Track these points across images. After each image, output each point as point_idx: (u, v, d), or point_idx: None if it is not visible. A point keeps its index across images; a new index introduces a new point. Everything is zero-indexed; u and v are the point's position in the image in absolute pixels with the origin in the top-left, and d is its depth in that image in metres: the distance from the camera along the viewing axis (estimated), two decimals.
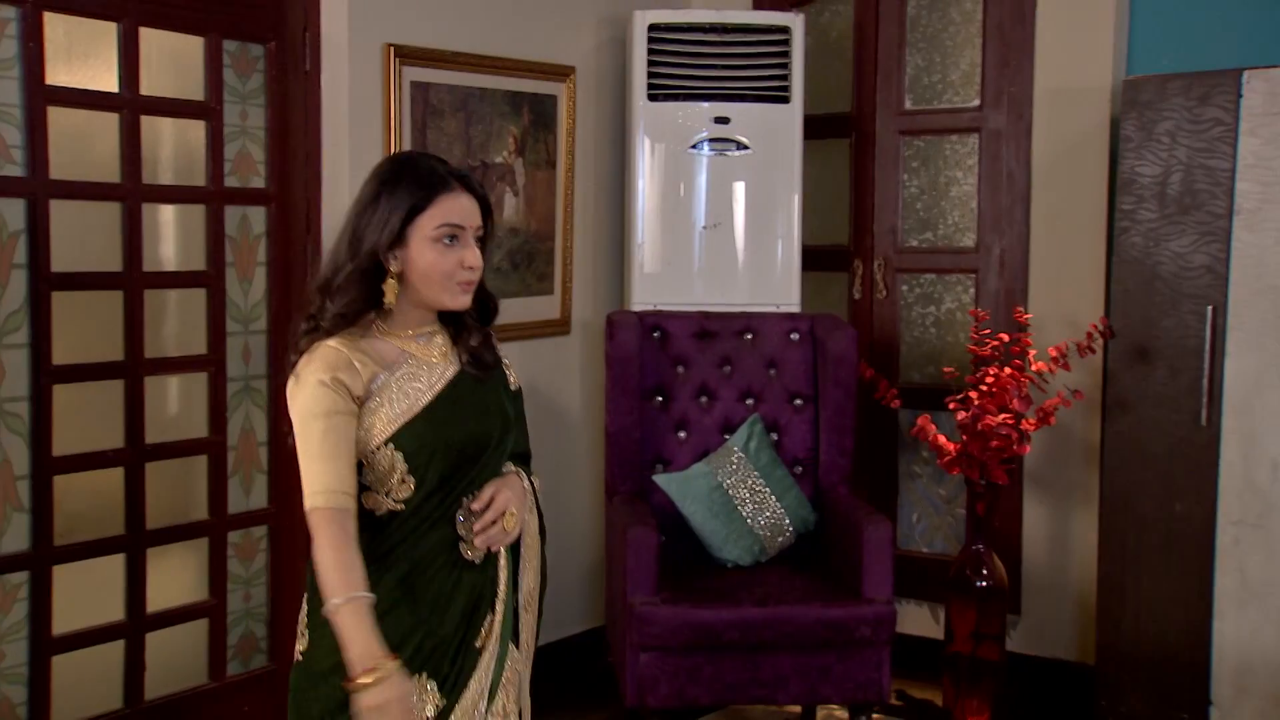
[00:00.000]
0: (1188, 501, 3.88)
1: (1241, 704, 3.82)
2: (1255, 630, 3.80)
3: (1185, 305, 3.86)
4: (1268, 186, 3.72)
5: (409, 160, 2.22)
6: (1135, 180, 3.92)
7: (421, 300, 2.17)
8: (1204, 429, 3.85)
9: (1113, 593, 4.03)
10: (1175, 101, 3.85)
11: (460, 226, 2.14)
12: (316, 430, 2.06)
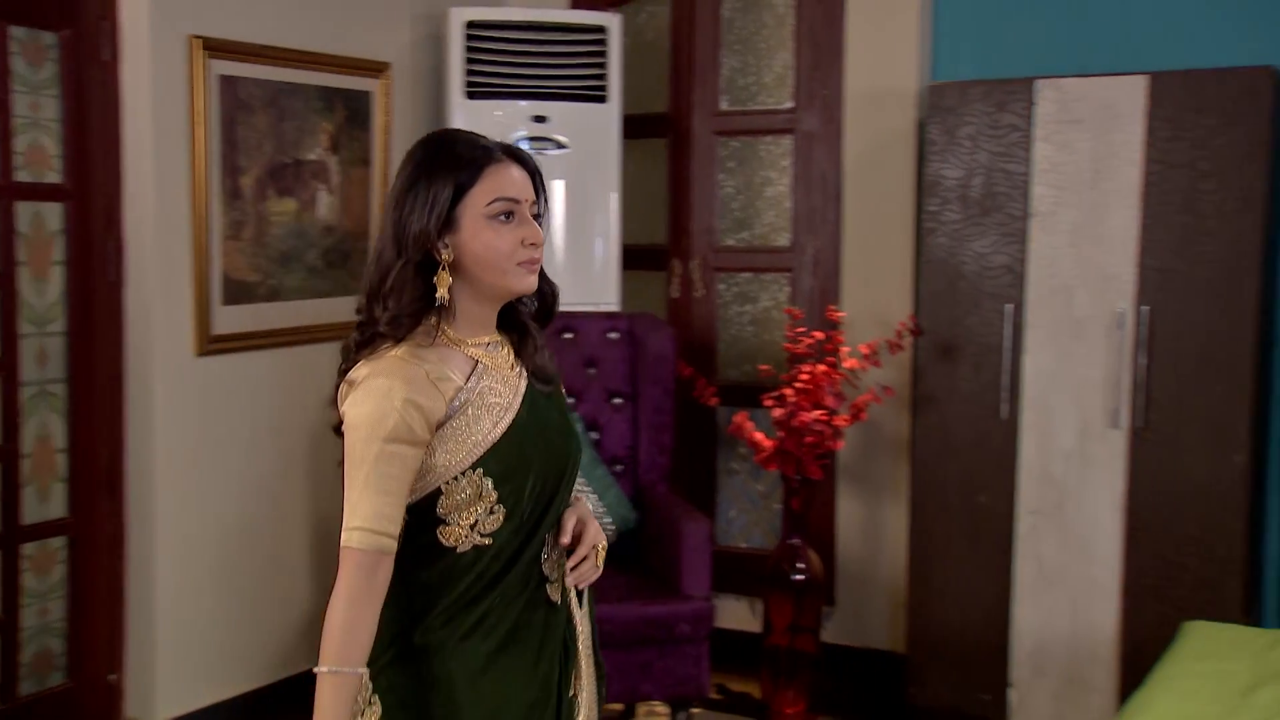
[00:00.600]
0: (990, 492, 4.06)
1: (1038, 684, 4.02)
2: (1050, 614, 4.00)
3: (987, 304, 4.03)
4: (1060, 190, 3.92)
5: (446, 137, 1.98)
6: (940, 182, 4.08)
7: (482, 291, 1.92)
8: (1004, 423, 4.02)
9: (922, 582, 4.18)
10: (976, 107, 4.02)
11: (515, 200, 1.90)
12: (373, 454, 1.81)
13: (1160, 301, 3.83)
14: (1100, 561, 3.93)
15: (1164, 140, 3.79)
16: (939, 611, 4.15)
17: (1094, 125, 3.87)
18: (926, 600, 4.18)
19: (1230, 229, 3.73)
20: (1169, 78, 3.80)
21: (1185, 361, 3.81)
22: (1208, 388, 3.79)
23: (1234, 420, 3.77)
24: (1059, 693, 4.00)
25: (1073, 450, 3.95)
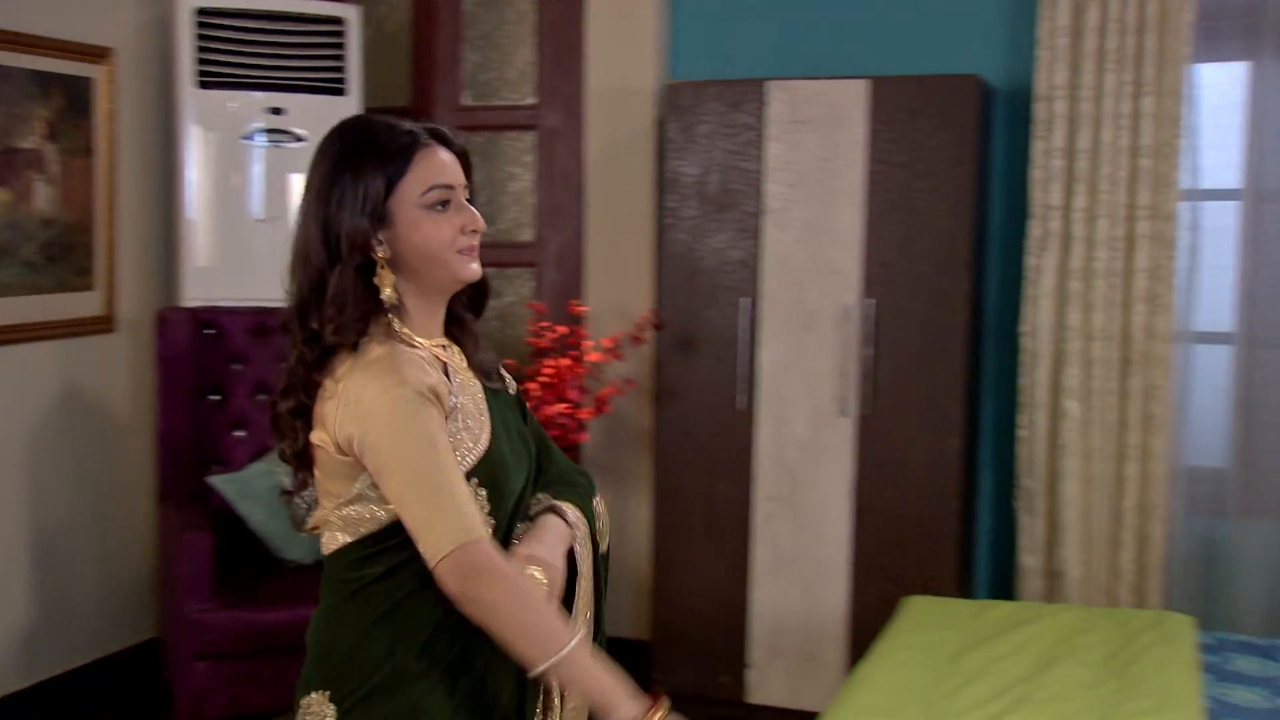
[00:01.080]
0: (729, 481, 4.21)
1: (773, 664, 4.19)
2: (784, 597, 4.18)
3: (724, 297, 4.18)
4: (791, 188, 4.09)
5: (365, 124, 1.83)
6: (678, 179, 4.20)
7: (428, 286, 1.82)
8: (742, 413, 4.18)
9: (665, 571, 4.31)
10: (711, 106, 4.16)
11: (450, 186, 1.79)
12: (441, 449, 1.69)
13: (883, 295, 4.05)
14: (831, 544, 4.13)
15: (885, 141, 4.01)
16: (681, 598, 4.28)
17: (821, 126, 4.06)
18: (669, 588, 4.30)
19: (944, 226, 3.98)
20: (888, 82, 4.02)
21: (906, 352, 4.04)
22: (926, 377, 4.03)
23: (949, 407, 4.02)
24: (793, 670, 4.18)
25: (805, 438, 4.13)
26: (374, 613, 1.76)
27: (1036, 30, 4.05)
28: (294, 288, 1.78)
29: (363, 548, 1.76)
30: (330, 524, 1.79)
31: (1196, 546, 4.11)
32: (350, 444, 1.71)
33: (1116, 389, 4.04)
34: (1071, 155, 4.04)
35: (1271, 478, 4.02)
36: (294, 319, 1.78)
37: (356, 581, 1.76)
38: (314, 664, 1.82)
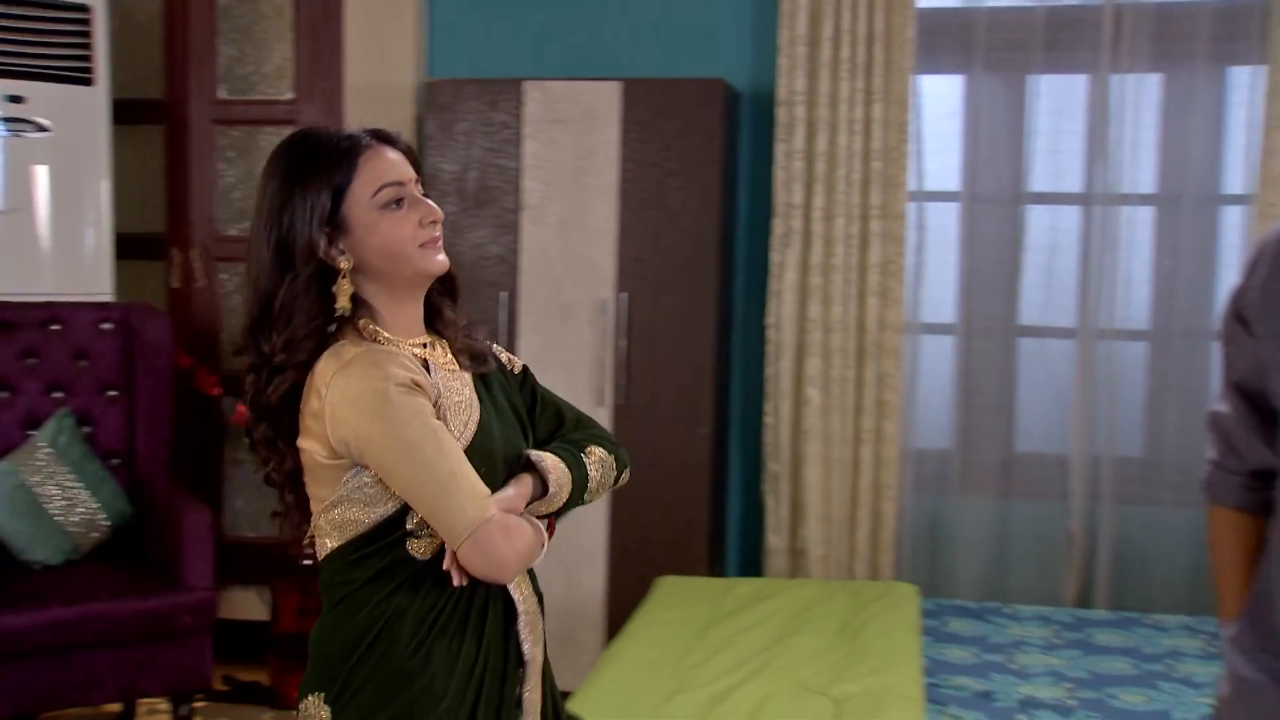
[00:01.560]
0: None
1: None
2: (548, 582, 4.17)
3: (484, 291, 4.29)
4: (547, 185, 4.23)
5: (305, 139, 1.82)
6: (438, 176, 4.29)
7: (399, 286, 1.82)
8: None
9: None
10: (470, 105, 4.26)
11: (400, 183, 1.79)
12: (440, 434, 1.70)
13: (637, 289, 4.23)
14: (588, 530, 4.29)
15: (636, 141, 4.19)
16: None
17: (576, 125, 4.22)
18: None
19: (693, 223, 4.19)
20: (639, 84, 4.21)
21: (659, 344, 4.24)
22: (677, 367, 4.24)
23: (699, 396, 4.24)
24: (554, 654, 4.26)
25: None
26: (365, 616, 1.76)
27: (778, 39, 4.31)
28: (249, 312, 1.79)
29: (350, 551, 1.77)
30: (320, 529, 1.80)
31: (923, 522, 4.46)
32: (346, 447, 1.71)
33: (853, 377, 4.34)
34: (811, 157, 4.31)
35: (987, 457, 4.40)
36: (248, 344, 1.78)
37: (346, 586, 1.77)
38: (311, 668, 1.83)
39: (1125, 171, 4.25)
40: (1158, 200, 4.31)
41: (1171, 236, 4.29)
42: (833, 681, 3.17)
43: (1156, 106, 4.29)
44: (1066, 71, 4.35)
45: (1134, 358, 4.37)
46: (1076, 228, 4.34)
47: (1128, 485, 4.34)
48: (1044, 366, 4.44)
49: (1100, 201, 4.27)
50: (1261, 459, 1.83)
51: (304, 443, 1.76)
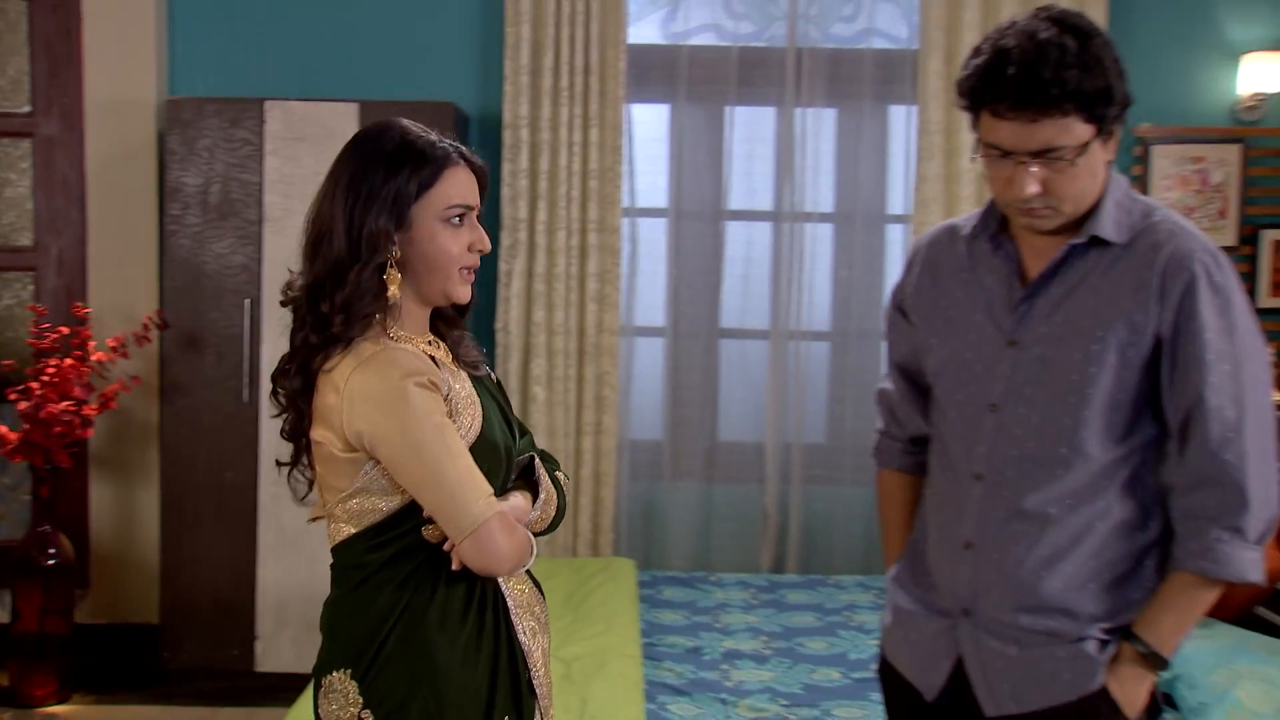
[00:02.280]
0: (236, 469, 4.55)
1: (280, 634, 4.59)
2: (290, 572, 4.58)
3: (228, 299, 4.53)
4: (288, 198, 4.51)
5: (402, 131, 1.91)
6: (181, 189, 4.50)
7: (422, 293, 1.91)
8: (247, 405, 4.54)
9: (174, 556, 4.58)
10: (212, 122, 4.49)
11: (469, 206, 1.91)
12: (449, 434, 1.80)
13: None
14: None
15: None
16: (191, 581, 4.57)
17: (316, 143, 4.51)
18: (178, 572, 4.58)
19: None
20: (375, 106, 4.53)
21: None
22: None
23: None
24: (299, 638, 4.59)
25: None
26: (385, 594, 1.85)
27: (504, 68, 4.73)
28: (308, 270, 1.89)
29: (369, 538, 1.86)
30: (335, 516, 1.90)
31: (639, 504, 4.95)
32: (360, 440, 1.80)
33: (575, 376, 4.79)
34: (534, 176, 4.75)
35: (694, 445, 4.93)
36: (303, 300, 1.88)
37: (366, 569, 1.87)
38: (331, 647, 1.91)
39: (808, 192, 4.87)
40: (835, 218, 4.95)
41: (847, 250, 4.93)
42: (562, 644, 3.57)
43: (832, 137, 4.94)
44: (757, 104, 4.93)
45: (818, 356, 4.99)
46: (768, 241, 4.93)
47: (813, 468, 4.96)
48: (742, 364, 5.01)
49: (787, 219, 4.88)
50: (919, 428, 2.23)
51: (318, 434, 1.86)
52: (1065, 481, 1.96)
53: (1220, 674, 3.07)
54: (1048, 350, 1.97)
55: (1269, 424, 1.93)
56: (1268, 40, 4.83)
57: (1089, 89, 1.83)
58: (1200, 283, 1.90)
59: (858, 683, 3.45)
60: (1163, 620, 1.93)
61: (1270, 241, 4.86)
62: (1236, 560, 1.90)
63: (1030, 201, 1.90)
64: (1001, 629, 2.00)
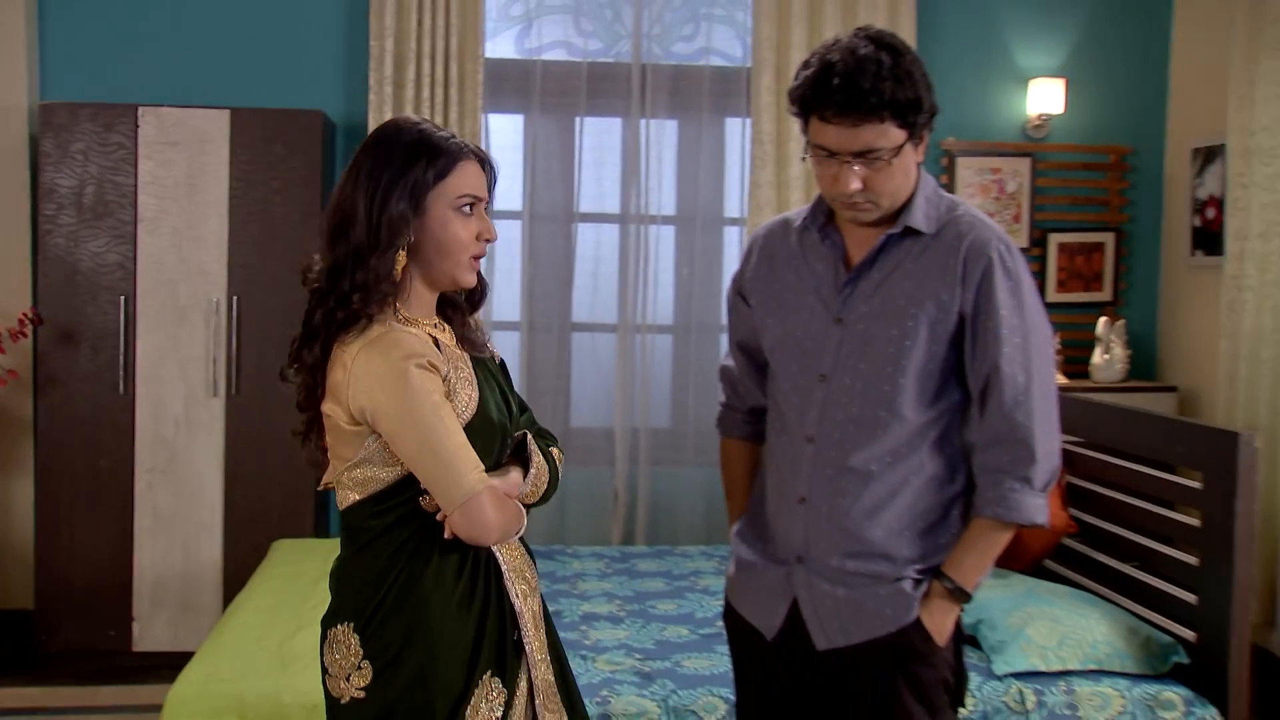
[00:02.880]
0: (111, 457, 4.75)
1: (157, 614, 4.80)
2: (165, 555, 4.80)
3: (103, 295, 4.72)
4: (162, 200, 4.73)
5: (419, 128, 2.04)
6: (55, 190, 4.68)
7: (434, 276, 2.06)
8: (122, 396, 4.74)
9: (49, 543, 4.74)
10: (86, 126, 4.68)
11: (479, 197, 2.05)
12: (444, 413, 1.94)
13: (246, 292, 4.80)
14: (206, 506, 4.81)
15: (244, 163, 4.77)
16: (67, 566, 4.74)
17: (189, 147, 4.73)
18: (54, 558, 4.74)
19: (296, 234, 4.80)
20: (246, 113, 4.78)
21: (266, 340, 4.81)
22: (284, 360, 4.79)
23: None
24: (175, 618, 4.81)
25: (181, 417, 4.78)
26: (387, 555, 2.01)
27: (369, 79, 5.02)
28: (328, 254, 2.02)
29: (373, 504, 2.02)
30: (342, 484, 2.04)
31: None
32: (364, 415, 1.95)
33: None
34: None
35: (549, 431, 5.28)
36: (324, 278, 2.02)
37: (370, 532, 2.02)
38: (337, 601, 2.07)
39: (652, 197, 5.29)
40: (677, 221, 5.38)
41: (688, 249, 5.37)
42: None
43: (674, 146, 5.37)
44: (605, 115, 5.33)
45: (662, 347, 5.41)
46: (615, 242, 5.33)
47: (659, 450, 5.38)
48: (592, 356, 5.40)
49: (633, 221, 5.29)
50: (757, 400, 2.45)
51: (327, 407, 2.02)
52: (884, 442, 2.21)
53: (1015, 616, 3.55)
54: (869, 327, 2.22)
55: (1052, 390, 2.22)
56: (1051, 68, 5.45)
57: (902, 99, 2.09)
58: (996, 267, 2.17)
59: (704, 638, 3.80)
60: (965, 560, 2.21)
61: (1056, 243, 5.49)
62: (1026, 506, 2.18)
63: (853, 196, 2.16)
64: (831, 573, 2.25)
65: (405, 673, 1.99)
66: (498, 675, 2.05)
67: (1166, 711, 3.31)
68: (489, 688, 2.03)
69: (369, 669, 2.00)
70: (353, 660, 2.01)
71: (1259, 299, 4.69)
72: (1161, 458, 3.68)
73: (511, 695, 2.07)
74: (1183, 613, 3.51)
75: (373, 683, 2.00)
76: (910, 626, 2.22)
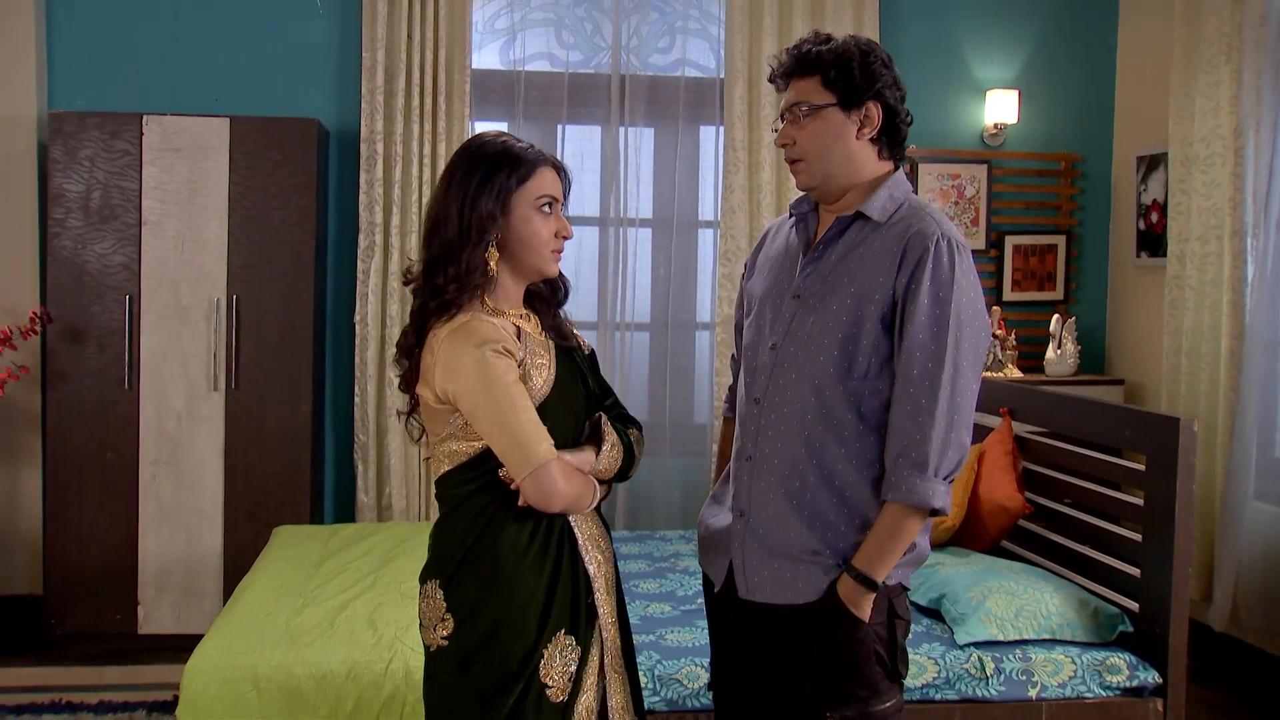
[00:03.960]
0: (117, 450, 4.89)
1: (161, 599, 4.95)
2: (169, 543, 4.94)
3: (109, 295, 4.86)
4: (164, 204, 4.88)
5: (502, 140, 2.24)
6: (63, 195, 4.82)
7: (519, 270, 2.26)
8: (127, 391, 4.89)
9: (59, 531, 4.88)
10: (93, 134, 4.82)
11: (555, 199, 2.25)
12: (515, 392, 2.11)
13: (245, 291, 4.96)
14: (207, 496, 4.96)
15: (243, 169, 4.92)
16: (75, 553, 4.89)
17: (190, 154, 4.88)
18: (63, 545, 4.89)
19: (293, 237, 4.97)
20: (245, 121, 4.93)
21: (265, 337, 4.98)
22: (281, 356, 5.00)
23: (300, 380, 5.02)
24: (178, 602, 4.96)
25: (183, 410, 4.94)
26: (469, 519, 2.21)
27: (361, 89, 5.19)
28: (426, 251, 2.23)
29: (460, 473, 2.22)
30: (436, 456, 2.26)
31: None
32: (447, 395, 2.16)
33: None
34: (388, 185, 5.23)
35: None
36: (422, 275, 2.23)
37: (457, 498, 2.24)
38: (430, 559, 2.29)
39: (630, 201, 5.48)
40: (654, 224, 5.57)
41: (665, 252, 5.56)
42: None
43: (651, 152, 5.56)
44: (586, 123, 5.52)
45: (640, 344, 5.60)
46: (596, 244, 5.52)
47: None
48: None
49: (613, 224, 5.48)
50: None
51: (420, 389, 2.24)
52: (815, 413, 2.28)
53: (975, 590, 3.74)
54: (818, 303, 2.30)
55: (966, 384, 2.24)
56: (1005, 80, 5.69)
57: (828, 58, 2.26)
58: (930, 256, 2.21)
59: (685, 614, 3.95)
60: (872, 549, 2.25)
61: (1012, 245, 5.73)
62: (922, 491, 2.20)
63: (787, 153, 2.33)
64: (761, 533, 2.34)
65: (482, 625, 2.17)
66: (571, 633, 2.22)
67: (1112, 675, 3.53)
68: (562, 643, 2.21)
69: (451, 620, 2.19)
70: (439, 612, 2.21)
71: (1198, 298, 4.94)
72: (1110, 443, 3.88)
73: (586, 652, 2.24)
74: (1128, 585, 3.73)
75: (454, 632, 2.19)
76: (826, 600, 2.29)
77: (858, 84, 2.29)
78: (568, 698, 2.21)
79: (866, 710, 2.30)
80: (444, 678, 2.21)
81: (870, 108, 2.32)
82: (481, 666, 2.17)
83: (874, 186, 2.37)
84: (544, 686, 2.19)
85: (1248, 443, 4.71)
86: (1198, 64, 4.95)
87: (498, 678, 2.16)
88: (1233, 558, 4.74)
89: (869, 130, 2.34)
